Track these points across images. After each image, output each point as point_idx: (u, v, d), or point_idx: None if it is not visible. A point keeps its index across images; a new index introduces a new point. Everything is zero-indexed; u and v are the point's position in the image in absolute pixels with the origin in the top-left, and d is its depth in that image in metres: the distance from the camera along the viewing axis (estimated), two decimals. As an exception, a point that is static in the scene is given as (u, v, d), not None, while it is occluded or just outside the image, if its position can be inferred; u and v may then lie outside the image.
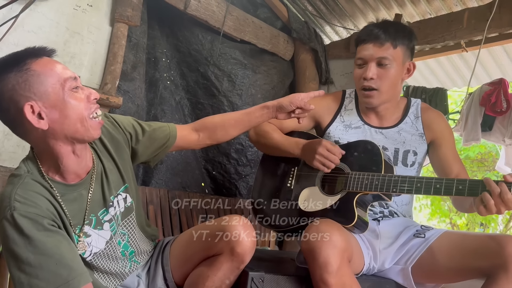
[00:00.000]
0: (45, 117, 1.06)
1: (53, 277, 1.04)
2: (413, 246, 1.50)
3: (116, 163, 1.32)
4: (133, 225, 1.39)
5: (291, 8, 3.19)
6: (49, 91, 1.06)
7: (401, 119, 1.69)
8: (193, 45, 2.73)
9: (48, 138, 1.09)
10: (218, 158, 2.90)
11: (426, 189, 1.35)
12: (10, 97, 1.05)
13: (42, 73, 1.06)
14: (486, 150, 6.86)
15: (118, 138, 1.34)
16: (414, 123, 1.68)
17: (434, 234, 1.49)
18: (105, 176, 1.27)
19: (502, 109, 2.99)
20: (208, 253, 1.32)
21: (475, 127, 3.14)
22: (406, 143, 1.65)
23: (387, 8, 3.00)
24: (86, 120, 1.12)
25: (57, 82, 1.07)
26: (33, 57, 1.08)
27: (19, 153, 2.04)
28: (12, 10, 1.92)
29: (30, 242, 1.03)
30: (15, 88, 1.04)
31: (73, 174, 1.17)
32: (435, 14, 2.87)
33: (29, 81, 1.04)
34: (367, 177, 1.44)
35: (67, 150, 1.12)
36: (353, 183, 1.46)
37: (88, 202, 1.21)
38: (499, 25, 2.47)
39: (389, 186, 1.40)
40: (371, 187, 1.42)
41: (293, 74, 3.27)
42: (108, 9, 2.32)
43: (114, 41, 2.29)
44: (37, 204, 1.07)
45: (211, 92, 2.82)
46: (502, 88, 2.98)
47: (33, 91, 1.05)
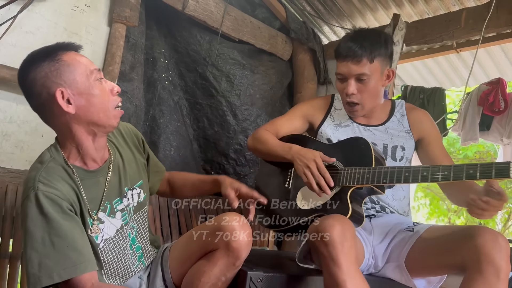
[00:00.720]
0: (73, 102, 1.16)
1: (63, 259, 1.10)
2: (403, 239, 1.54)
3: (136, 158, 1.44)
4: (144, 220, 1.45)
5: (289, 8, 3.20)
6: (77, 80, 1.17)
7: (387, 118, 1.76)
8: (191, 45, 2.73)
9: (72, 123, 1.19)
10: (217, 158, 2.90)
11: (414, 177, 1.39)
12: (43, 83, 1.15)
13: (71, 63, 1.18)
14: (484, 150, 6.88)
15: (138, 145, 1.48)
16: (400, 121, 1.76)
17: (421, 229, 1.54)
18: (122, 167, 1.36)
19: (500, 109, 3.01)
20: (205, 250, 1.33)
21: (473, 126, 3.15)
22: (394, 139, 1.71)
23: (385, 8, 3.00)
24: (109, 110, 1.22)
25: (84, 72, 1.19)
26: (63, 49, 1.20)
27: (18, 154, 2.04)
28: (10, 11, 1.92)
29: (48, 222, 1.10)
30: (47, 75, 1.15)
31: (92, 161, 1.26)
32: (433, 14, 2.88)
33: (60, 70, 1.16)
34: (359, 171, 1.49)
35: (87, 137, 1.22)
36: (346, 178, 1.51)
37: (105, 189, 1.29)
38: (496, 25, 2.48)
39: (379, 177, 1.44)
40: (363, 180, 1.47)
41: (291, 74, 3.28)
42: (106, 9, 2.32)
43: (112, 42, 2.29)
44: (59, 187, 1.15)
45: (210, 92, 2.82)
46: (500, 88, 2.99)
47: (63, 78, 1.16)
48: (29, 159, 2.08)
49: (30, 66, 1.18)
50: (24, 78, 1.19)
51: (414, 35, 2.82)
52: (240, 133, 2.90)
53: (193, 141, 2.88)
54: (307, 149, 1.60)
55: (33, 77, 1.16)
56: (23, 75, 1.19)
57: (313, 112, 1.82)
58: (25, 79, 1.18)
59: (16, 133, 2.04)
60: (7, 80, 1.90)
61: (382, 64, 1.66)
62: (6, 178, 1.97)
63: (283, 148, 1.66)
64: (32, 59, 1.19)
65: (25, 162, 2.07)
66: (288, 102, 3.29)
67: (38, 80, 1.16)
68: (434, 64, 3.55)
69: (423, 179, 1.38)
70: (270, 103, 3.07)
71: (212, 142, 2.89)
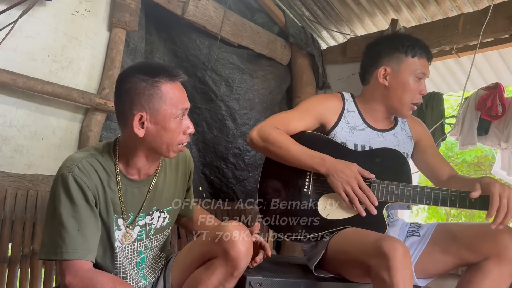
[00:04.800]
0: (146, 127, 1.24)
1: (70, 240, 1.18)
2: (411, 245, 1.53)
3: (177, 184, 1.47)
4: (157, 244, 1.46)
5: (288, 13, 3.21)
6: (161, 111, 1.23)
7: (395, 124, 1.75)
8: (190, 50, 2.74)
9: (136, 140, 1.27)
10: (216, 162, 2.90)
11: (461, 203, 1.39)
12: (132, 98, 1.23)
13: (164, 95, 1.23)
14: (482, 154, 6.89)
15: (186, 174, 1.52)
16: (403, 127, 1.76)
17: (427, 231, 1.54)
18: (161, 188, 1.40)
19: (497, 114, 3.01)
20: (204, 259, 1.33)
21: (471, 131, 3.16)
22: (401, 146, 1.70)
23: (384, 13, 3.02)
24: (173, 145, 1.28)
25: (170, 107, 1.24)
26: (167, 77, 1.25)
27: (17, 158, 2.05)
28: (11, 16, 1.93)
29: (70, 203, 1.19)
30: (139, 94, 1.22)
31: (135, 172, 1.33)
32: (430, 19, 2.89)
33: (152, 97, 1.22)
34: (397, 187, 1.46)
35: (143, 155, 1.30)
36: (381, 192, 1.48)
37: (135, 201, 1.33)
38: (494, 30, 2.50)
39: (422, 197, 1.43)
40: (402, 197, 1.45)
41: (290, 79, 3.28)
42: (106, 14, 2.33)
43: (112, 46, 2.29)
44: (92, 178, 1.23)
45: (209, 97, 2.83)
46: (498, 93, 3.00)
47: (149, 105, 1.22)
48: (28, 163, 2.08)
49: (132, 77, 1.24)
50: (122, 83, 1.26)
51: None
52: (239, 137, 2.90)
53: (192, 145, 2.89)
54: (344, 163, 1.50)
55: (129, 88, 1.24)
56: (122, 81, 1.26)
57: (327, 113, 1.70)
58: (122, 85, 1.26)
59: (15, 137, 2.04)
60: (7, 84, 1.90)
61: None
62: (5, 182, 1.97)
63: (313, 159, 1.52)
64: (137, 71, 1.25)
65: (24, 167, 2.07)
66: (287, 107, 3.30)
67: (130, 93, 1.23)
68: (432, 69, 3.55)
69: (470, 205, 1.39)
70: (269, 108, 3.08)
71: (211, 146, 2.89)
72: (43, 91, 2.01)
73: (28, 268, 1.96)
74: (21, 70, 1.97)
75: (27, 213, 2.01)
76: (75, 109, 2.25)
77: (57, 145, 2.19)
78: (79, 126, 2.27)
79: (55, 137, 2.19)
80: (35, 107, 2.10)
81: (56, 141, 2.19)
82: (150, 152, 1.30)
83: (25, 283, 1.93)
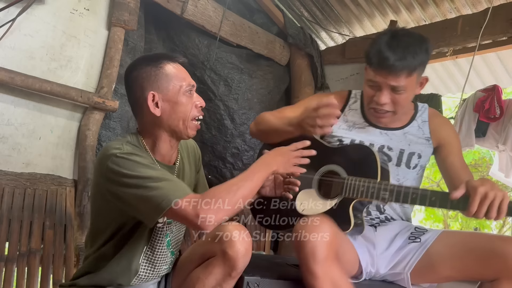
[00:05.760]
0: (160, 106, 1.30)
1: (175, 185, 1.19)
2: (410, 251, 1.49)
3: (191, 172, 1.52)
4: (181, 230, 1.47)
5: (287, 13, 3.22)
6: (170, 88, 1.31)
7: (408, 123, 1.67)
8: (189, 49, 2.74)
9: (155, 123, 1.32)
10: (214, 162, 2.90)
11: (421, 200, 1.35)
12: (141, 83, 1.30)
13: (169, 73, 1.32)
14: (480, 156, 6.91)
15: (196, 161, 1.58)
16: (421, 127, 1.66)
17: (430, 237, 1.49)
18: (182, 175, 1.45)
19: (495, 116, 3.02)
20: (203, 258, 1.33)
21: (469, 133, 3.17)
22: (412, 146, 1.63)
23: (383, 14, 3.03)
24: (188, 120, 1.34)
25: (178, 83, 1.32)
26: (168, 59, 1.34)
27: (15, 156, 2.04)
28: (9, 14, 1.92)
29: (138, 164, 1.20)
30: (147, 78, 1.30)
31: (164, 157, 1.37)
32: (429, 21, 2.90)
33: (158, 76, 1.30)
34: (363, 183, 1.43)
35: (165, 138, 1.35)
36: (349, 189, 1.45)
37: None
38: (492, 32, 2.51)
39: (385, 195, 1.39)
40: (367, 194, 1.42)
41: (289, 79, 3.29)
42: (105, 13, 2.33)
43: (111, 45, 2.29)
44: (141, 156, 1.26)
45: (208, 96, 2.83)
46: (496, 95, 3.01)
47: (158, 84, 1.30)
48: (26, 162, 2.08)
49: (136, 65, 1.33)
50: (129, 74, 1.34)
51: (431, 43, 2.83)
52: (237, 137, 2.90)
53: (191, 145, 2.88)
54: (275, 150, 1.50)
55: (136, 76, 1.31)
56: (129, 71, 1.34)
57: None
58: (129, 76, 1.33)
59: (13, 135, 2.03)
60: (5, 82, 1.90)
61: (419, 74, 1.53)
62: (3, 180, 1.97)
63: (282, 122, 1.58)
64: (140, 60, 1.35)
65: (22, 165, 2.07)
66: (285, 107, 3.30)
67: (138, 79, 1.31)
68: (430, 70, 3.56)
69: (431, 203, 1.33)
70: (267, 108, 3.08)
71: (210, 145, 2.89)
72: (41, 89, 2.00)
73: (25, 267, 1.95)
74: (19, 68, 1.97)
75: (25, 212, 2.00)
76: (73, 107, 2.24)
77: (55, 144, 2.19)
78: (77, 125, 2.27)
79: (53, 136, 2.18)
80: (33, 105, 2.09)
81: (54, 139, 2.19)
82: (171, 133, 1.34)
83: (22, 281, 1.93)
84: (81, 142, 2.22)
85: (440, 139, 1.65)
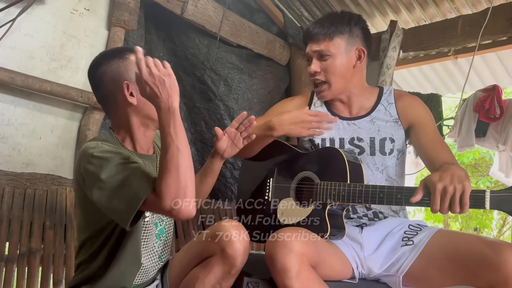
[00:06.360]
0: (135, 95, 1.30)
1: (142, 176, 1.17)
2: (402, 254, 1.44)
3: None
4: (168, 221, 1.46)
5: (287, 13, 3.22)
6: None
7: (373, 107, 1.64)
8: (189, 50, 2.74)
9: (131, 113, 1.33)
10: (214, 162, 2.90)
11: (388, 199, 1.33)
12: (112, 76, 1.31)
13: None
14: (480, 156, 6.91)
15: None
16: (388, 109, 1.63)
17: (423, 239, 1.43)
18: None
19: (495, 116, 3.02)
20: (202, 257, 1.33)
21: (469, 133, 3.17)
22: (381, 131, 1.60)
23: (382, 14, 3.03)
24: None
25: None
26: (130, 51, 1.34)
27: (15, 156, 2.04)
28: (9, 14, 1.92)
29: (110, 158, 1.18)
30: (117, 70, 1.31)
31: (141, 148, 1.38)
32: (429, 21, 2.90)
33: (128, 67, 1.31)
34: (334, 187, 1.42)
35: (140, 127, 1.36)
36: (322, 194, 1.44)
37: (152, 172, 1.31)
38: (492, 32, 2.51)
39: (355, 197, 1.38)
40: (339, 197, 1.41)
41: (289, 79, 3.29)
42: (105, 13, 2.33)
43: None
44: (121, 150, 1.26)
45: (208, 96, 2.83)
46: (496, 95, 3.01)
47: (130, 74, 1.30)
48: (26, 162, 2.08)
49: (101, 61, 1.33)
50: (95, 70, 1.34)
51: (411, 42, 2.84)
52: (237, 137, 2.90)
53: (191, 145, 2.88)
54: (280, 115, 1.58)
55: (104, 70, 1.31)
56: (94, 68, 1.34)
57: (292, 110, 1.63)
58: (96, 72, 1.33)
59: (13, 135, 2.03)
60: (5, 82, 1.90)
61: (348, 42, 1.58)
62: (3, 180, 1.97)
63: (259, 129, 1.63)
64: (104, 55, 1.36)
65: (22, 165, 2.07)
66: (285, 107, 3.30)
67: (108, 73, 1.31)
68: (430, 70, 3.57)
69: (397, 201, 1.31)
70: (267, 108, 3.05)
71: (210, 145, 2.89)
72: (41, 89, 2.00)
73: (25, 267, 1.95)
74: (20, 68, 1.97)
75: (25, 212, 2.00)
76: (73, 107, 2.24)
77: (55, 144, 2.19)
78: (77, 124, 2.27)
79: (53, 136, 2.18)
80: (33, 105, 2.09)
81: (54, 139, 2.19)
82: (146, 121, 1.35)
83: (22, 282, 1.93)
84: (81, 142, 2.22)
85: (410, 119, 1.60)
